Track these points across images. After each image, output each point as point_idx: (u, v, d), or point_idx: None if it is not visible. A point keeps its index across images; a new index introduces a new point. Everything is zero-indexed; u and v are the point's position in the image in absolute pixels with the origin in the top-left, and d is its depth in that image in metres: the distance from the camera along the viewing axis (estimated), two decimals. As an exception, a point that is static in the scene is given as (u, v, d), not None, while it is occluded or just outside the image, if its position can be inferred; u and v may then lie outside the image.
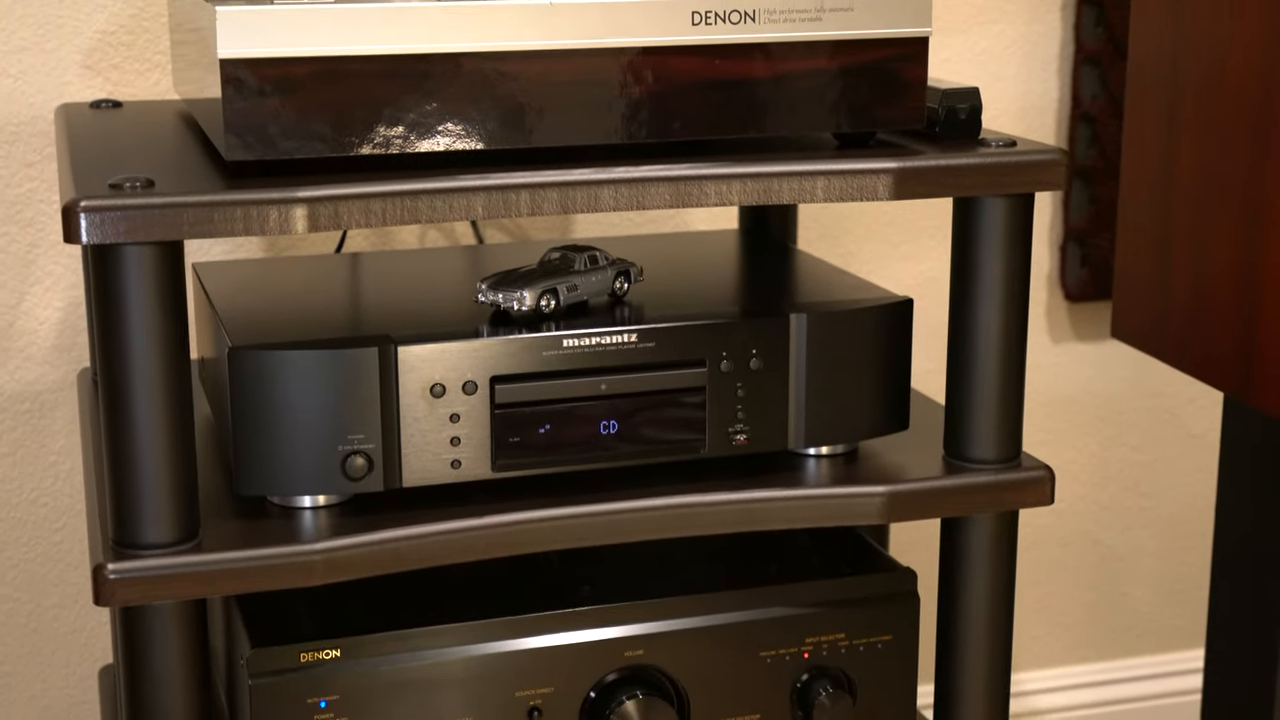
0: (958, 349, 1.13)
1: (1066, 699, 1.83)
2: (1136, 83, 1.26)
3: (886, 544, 1.37)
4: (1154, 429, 1.79)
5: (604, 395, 1.08)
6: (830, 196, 1.05)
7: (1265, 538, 1.21)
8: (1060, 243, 1.71)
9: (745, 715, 1.15)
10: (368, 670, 1.07)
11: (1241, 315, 1.15)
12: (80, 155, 1.07)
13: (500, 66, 1.00)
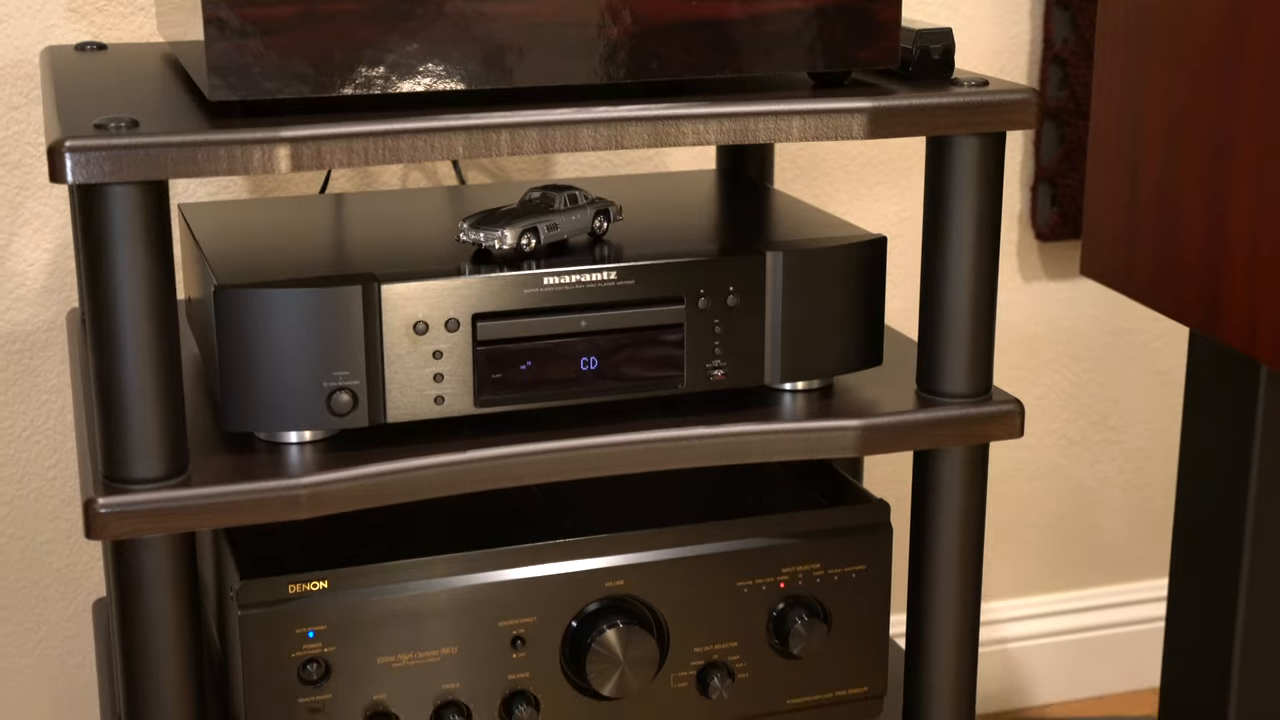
0: (930, 286, 1.12)
1: (1035, 627, 1.84)
2: (1106, 25, 1.26)
3: (860, 477, 1.37)
4: (1122, 365, 1.80)
5: (584, 332, 1.07)
6: (806, 136, 1.05)
7: (1228, 470, 1.22)
8: (1031, 183, 1.70)
9: (723, 643, 1.15)
10: (355, 601, 1.07)
11: (1207, 253, 1.15)
12: (65, 97, 1.07)
13: (481, 7, 0.99)
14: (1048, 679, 1.85)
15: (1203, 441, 1.25)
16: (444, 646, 1.09)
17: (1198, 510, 1.27)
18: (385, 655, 1.08)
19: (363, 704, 1.08)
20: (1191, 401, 1.27)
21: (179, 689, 1.03)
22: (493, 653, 1.10)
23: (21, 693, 1.54)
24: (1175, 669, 1.31)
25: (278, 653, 1.06)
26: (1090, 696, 1.87)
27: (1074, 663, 1.86)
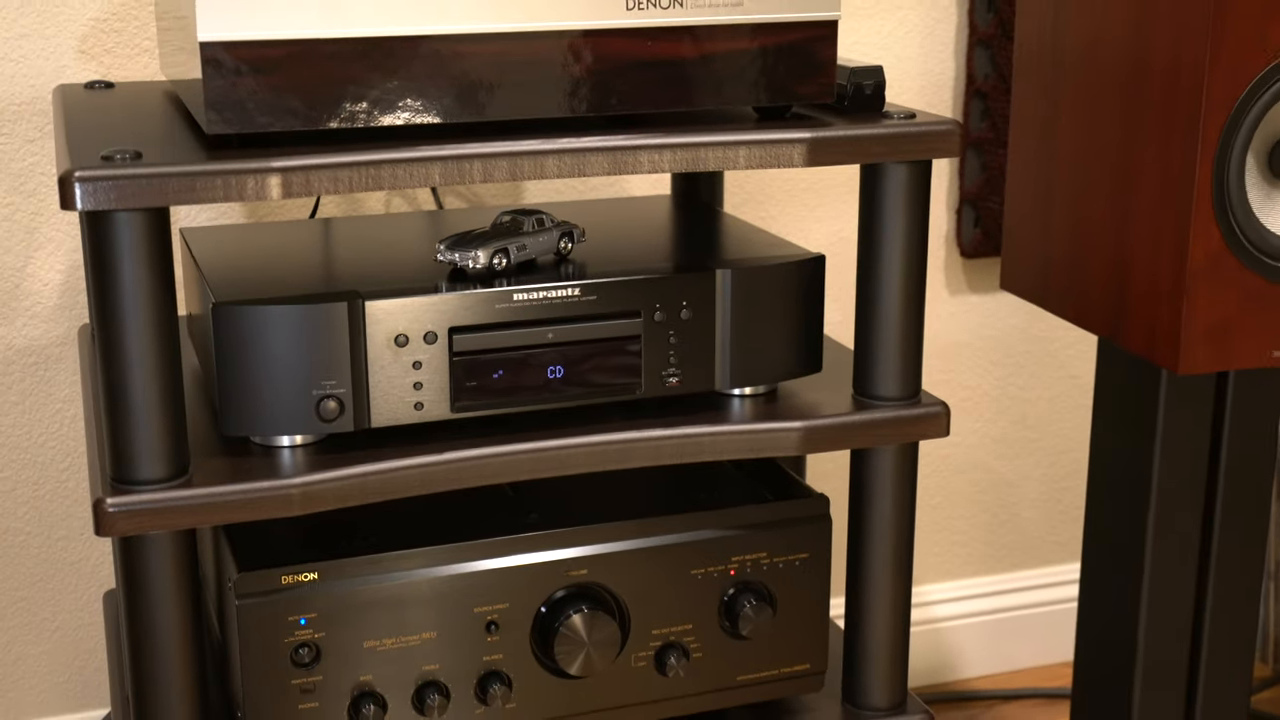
0: (865, 299, 1.13)
1: (962, 608, 1.85)
2: (1022, 63, 1.26)
3: (803, 473, 1.37)
4: (1038, 370, 1.80)
5: (551, 343, 1.07)
6: (751, 164, 1.05)
7: (1133, 464, 1.22)
8: (956, 205, 1.71)
9: (678, 626, 1.15)
10: (343, 590, 1.06)
11: (1113, 268, 1.15)
12: (75, 131, 1.06)
13: (455, 48, 0.99)
14: (973, 655, 1.86)
15: (1111, 439, 1.26)
16: (424, 631, 1.09)
17: (1106, 501, 1.27)
18: (371, 640, 1.07)
19: (350, 684, 1.08)
20: (1100, 402, 1.27)
21: (182, 672, 1.02)
22: (469, 637, 1.10)
23: (39, 675, 1.53)
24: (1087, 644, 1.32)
25: (272, 638, 1.05)
26: (1011, 670, 1.88)
27: (997, 640, 1.86)
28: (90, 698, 1.55)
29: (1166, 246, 1.09)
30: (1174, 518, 1.22)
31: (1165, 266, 1.09)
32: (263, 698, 1.06)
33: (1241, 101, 1.04)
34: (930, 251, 1.72)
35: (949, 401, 1.78)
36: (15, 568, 1.50)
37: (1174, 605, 1.24)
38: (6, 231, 1.42)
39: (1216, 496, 1.22)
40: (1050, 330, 1.80)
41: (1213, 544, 1.23)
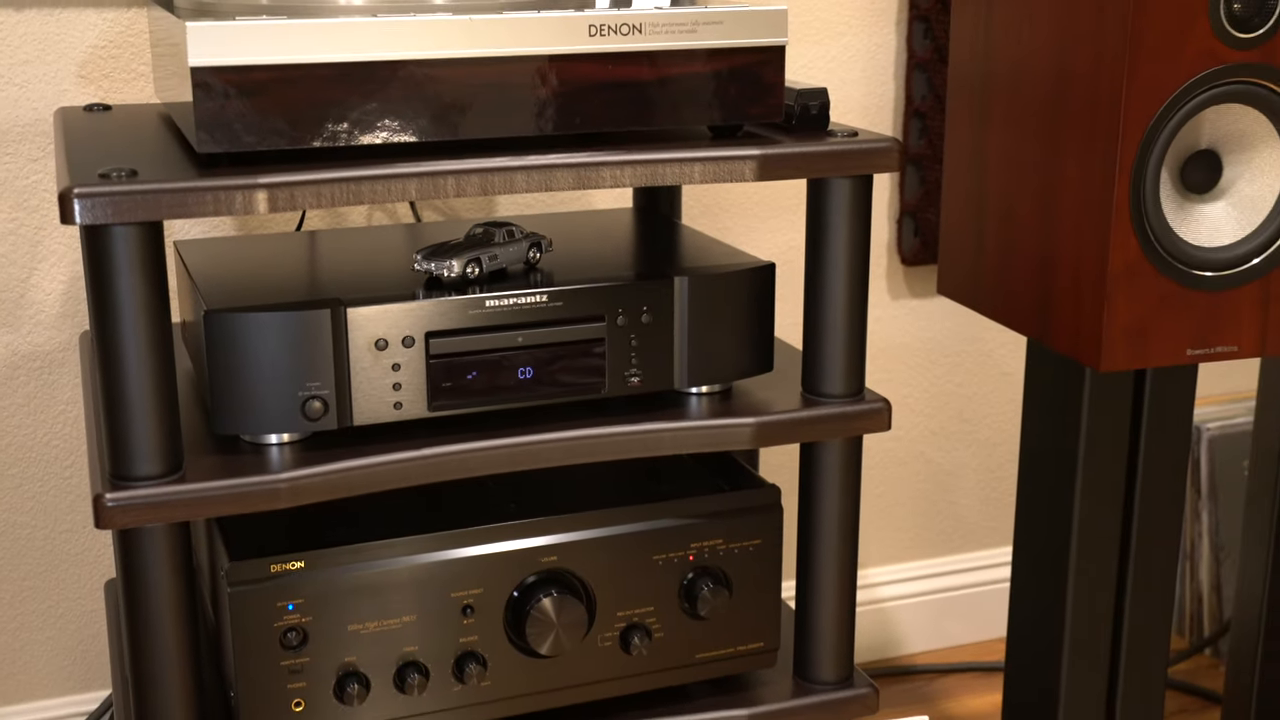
0: (812, 304, 1.13)
1: (904, 589, 1.85)
2: (955, 85, 1.26)
3: (756, 465, 1.37)
4: (973, 368, 1.81)
5: (521, 346, 1.07)
6: (706, 179, 1.05)
7: (1059, 454, 1.23)
8: (896, 217, 1.71)
9: (641, 608, 1.15)
10: (328, 578, 1.06)
11: (1040, 274, 1.16)
12: (75, 151, 1.05)
13: (430, 72, 0.99)
14: (915, 632, 1.86)
15: (1039, 431, 1.26)
16: (404, 615, 1.08)
17: (1036, 489, 1.28)
18: (355, 623, 1.07)
19: (336, 665, 1.07)
20: (1030, 398, 1.28)
21: (178, 655, 1.02)
22: (446, 620, 1.09)
23: (44, 660, 1.52)
24: (1018, 621, 1.32)
25: (262, 623, 1.05)
26: (950, 646, 1.88)
27: (936, 618, 1.87)
28: (93, 679, 1.54)
29: (1088, 254, 1.09)
30: (1097, 504, 1.22)
31: (1087, 272, 1.10)
32: (254, 678, 1.06)
33: (1156, 120, 1.05)
34: (873, 259, 1.72)
35: (891, 398, 1.78)
36: (22, 559, 1.49)
37: (1098, 584, 1.24)
38: (12, 245, 1.41)
39: (1136, 484, 1.23)
40: (983, 332, 1.80)
41: (1133, 528, 1.24)
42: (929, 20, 1.64)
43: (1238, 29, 1.04)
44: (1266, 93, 1.07)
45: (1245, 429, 1.86)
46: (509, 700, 1.13)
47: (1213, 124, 1.08)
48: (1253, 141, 1.09)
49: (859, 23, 1.64)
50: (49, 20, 1.38)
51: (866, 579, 1.83)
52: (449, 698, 1.11)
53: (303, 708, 1.07)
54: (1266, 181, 1.10)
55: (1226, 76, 1.05)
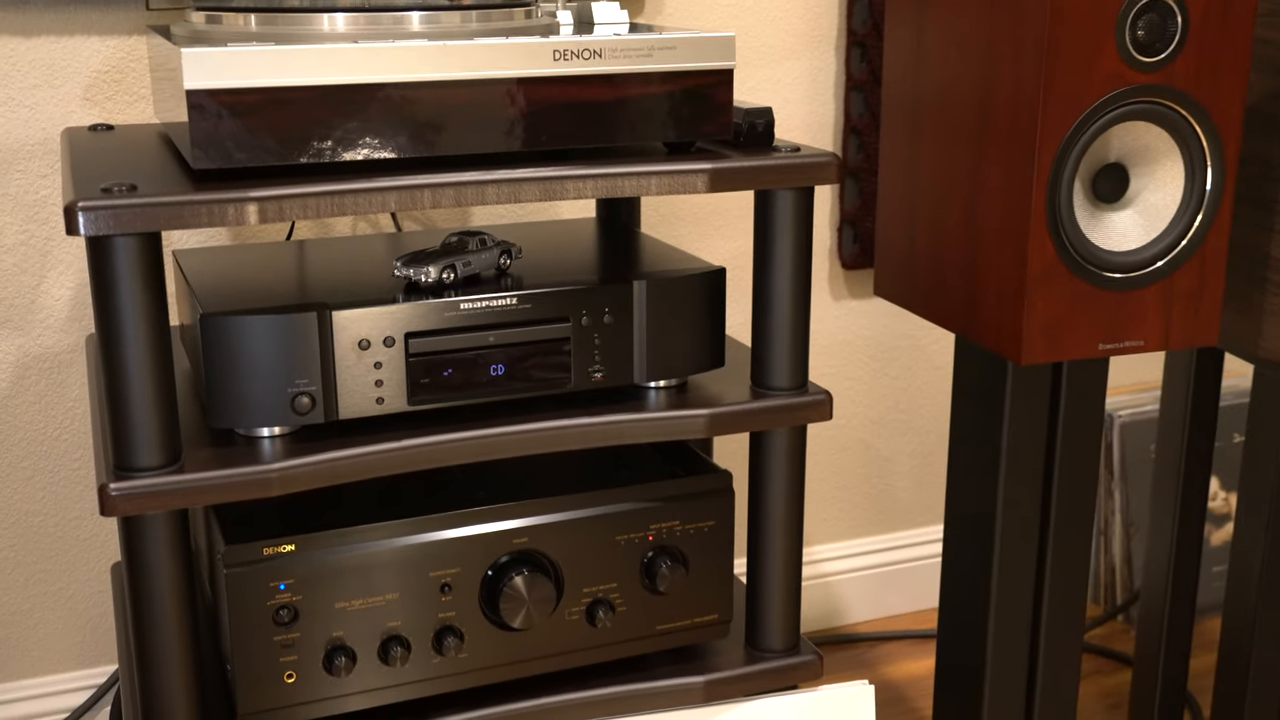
0: (760, 305, 1.13)
1: (847, 564, 1.86)
2: (889, 103, 1.27)
3: (710, 453, 1.37)
4: (908, 363, 1.82)
5: (493, 345, 1.07)
6: (662, 191, 1.05)
7: (984, 441, 1.23)
8: (837, 224, 1.72)
9: (605, 584, 1.15)
10: (317, 559, 1.05)
11: (966, 277, 1.16)
12: (80, 167, 1.04)
13: (408, 94, 0.98)
14: (857, 604, 1.87)
15: (967, 419, 1.27)
16: (388, 593, 1.08)
17: (965, 472, 1.28)
18: (342, 601, 1.06)
19: (324, 639, 1.07)
20: (958, 389, 1.28)
21: (178, 632, 1.01)
22: (426, 597, 1.09)
23: (55, 638, 1.50)
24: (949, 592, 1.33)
25: (256, 601, 1.04)
26: (888, 615, 1.89)
27: (876, 590, 1.87)
28: (101, 655, 1.53)
29: (1009, 258, 1.10)
30: (1020, 485, 1.23)
31: (1008, 274, 1.10)
32: (249, 653, 1.05)
33: (1069, 136, 1.05)
34: (815, 264, 1.73)
35: (833, 390, 1.79)
36: (35, 544, 1.47)
37: (1020, 558, 1.25)
38: (23, 254, 1.40)
39: (1054, 467, 1.23)
40: (916, 329, 1.81)
41: (1051, 507, 1.24)
42: (865, 45, 1.64)
43: (1141, 53, 1.05)
44: (1167, 111, 1.07)
45: (1152, 416, 1.88)
46: (484, 670, 1.12)
47: (1120, 139, 1.09)
48: (1156, 155, 1.10)
49: (802, 48, 1.64)
50: (56, 47, 1.36)
51: (812, 555, 1.84)
52: (429, 669, 1.10)
53: (294, 679, 1.06)
54: (1169, 192, 1.11)
55: (1132, 96, 1.06)
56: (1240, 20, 1.07)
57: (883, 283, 1.31)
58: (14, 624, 1.49)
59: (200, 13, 1.08)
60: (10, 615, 1.49)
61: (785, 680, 1.20)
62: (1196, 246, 1.11)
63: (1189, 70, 1.06)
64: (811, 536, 1.84)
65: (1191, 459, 1.40)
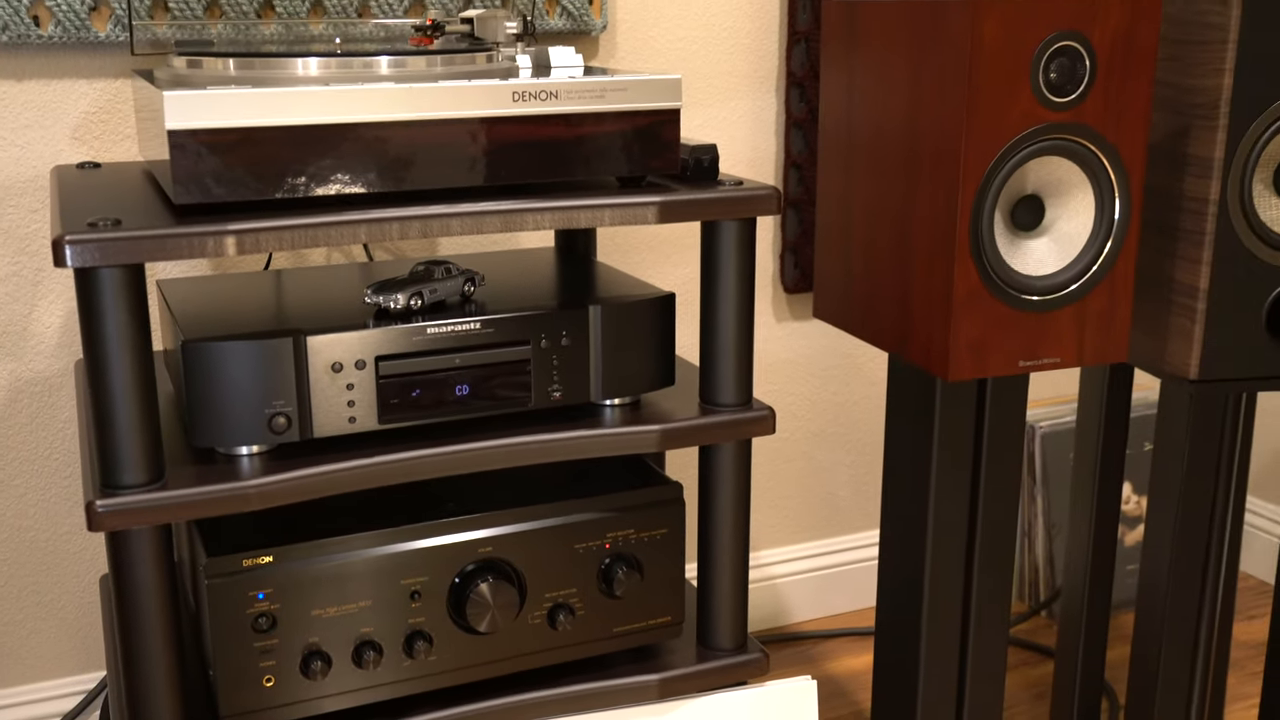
0: (707, 327, 1.13)
1: (791, 567, 1.86)
2: (826, 140, 1.27)
3: (662, 465, 1.37)
4: (846, 380, 1.82)
5: (458, 367, 1.06)
6: (615, 222, 1.05)
7: (917, 451, 1.23)
8: (779, 252, 1.72)
9: (565, 590, 1.14)
10: (293, 569, 1.04)
11: (898, 300, 1.17)
12: (68, 203, 1.03)
13: (377, 133, 0.98)
14: (801, 604, 1.87)
15: (901, 431, 1.27)
16: (361, 600, 1.07)
17: (899, 481, 1.28)
18: (317, 609, 1.05)
19: (301, 645, 1.05)
20: (892, 403, 1.28)
21: (163, 640, 1.00)
22: (397, 604, 1.08)
23: (49, 645, 1.48)
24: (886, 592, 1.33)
25: (236, 610, 1.03)
26: (830, 614, 1.89)
27: (819, 591, 1.87)
28: (91, 662, 1.51)
29: (937, 282, 1.10)
30: (949, 492, 1.23)
31: (936, 298, 1.11)
32: (230, 659, 1.04)
33: (989, 170, 1.06)
34: (759, 288, 1.73)
35: (776, 406, 1.79)
36: (28, 558, 1.45)
37: (951, 559, 1.25)
38: (15, 285, 1.38)
39: (980, 475, 1.24)
40: (853, 348, 1.82)
41: (978, 511, 1.25)
42: (803, 86, 1.65)
43: (1054, 94, 1.06)
44: (1078, 147, 1.09)
45: (1070, 426, 1.89)
46: (453, 672, 1.11)
47: (1036, 173, 1.09)
48: (1069, 188, 1.11)
49: (745, 89, 1.65)
50: (47, 89, 1.35)
51: (758, 559, 1.84)
52: (400, 671, 1.09)
53: (273, 683, 1.05)
54: (1081, 221, 1.12)
55: (1045, 134, 1.07)
56: (1142, 64, 1.08)
57: (821, 306, 1.31)
58: (8, 633, 1.46)
59: (182, 57, 1.07)
60: (4, 625, 1.46)
61: (734, 677, 1.20)
62: (1107, 271, 1.12)
63: (1097, 109, 1.08)
64: (758, 542, 1.84)
65: (1106, 466, 1.41)
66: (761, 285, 1.73)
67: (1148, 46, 1.08)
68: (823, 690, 1.69)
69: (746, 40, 1.63)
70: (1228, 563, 1.42)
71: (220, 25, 1.33)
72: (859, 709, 1.65)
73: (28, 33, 1.30)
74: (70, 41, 1.32)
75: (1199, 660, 1.36)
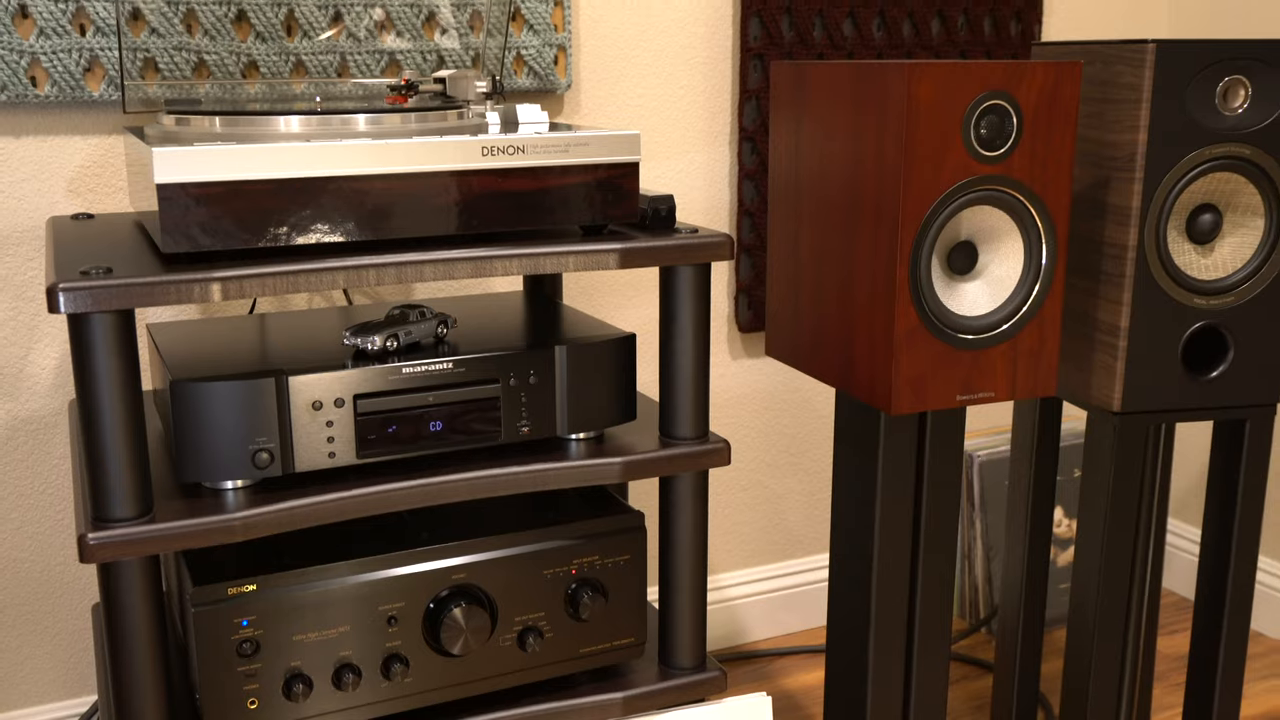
0: (666, 365, 1.13)
1: (747, 589, 1.85)
2: (775, 191, 1.28)
3: (625, 495, 1.37)
4: (797, 413, 1.83)
5: (432, 404, 1.05)
6: (579, 267, 1.05)
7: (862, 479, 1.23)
8: (733, 294, 1.73)
9: (534, 613, 1.13)
10: (276, 597, 1.03)
11: (843, 339, 1.17)
12: (62, 252, 1.02)
13: (354, 185, 0.97)
14: (757, 623, 1.86)
15: (847, 461, 1.27)
16: (340, 626, 1.05)
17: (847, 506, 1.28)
18: (299, 634, 1.04)
19: (284, 669, 1.04)
20: (839, 435, 1.29)
21: (151, 665, 0.98)
22: (375, 629, 1.07)
23: (42, 670, 1.45)
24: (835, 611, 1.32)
25: (221, 636, 1.01)
26: (785, 633, 1.88)
27: (773, 611, 1.87)
28: (83, 687, 1.48)
29: (879, 323, 1.11)
30: (893, 517, 1.23)
31: (878, 337, 1.11)
32: (215, 683, 1.02)
33: (926, 218, 1.07)
34: (715, 328, 1.73)
35: (731, 438, 1.79)
36: (22, 587, 1.42)
37: (895, 580, 1.25)
38: (12, 329, 1.36)
39: (922, 501, 1.24)
40: (803, 384, 1.82)
41: (921, 534, 1.25)
42: (754, 141, 1.66)
43: (984, 149, 1.07)
44: (1007, 197, 1.10)
45: (1005, 455, 1.90)
46: (428, 693, 1.10)
47: (969, 221, 1.10)
48: (1000, 235, 1.12)
49: (700, 143, 1.66)
50: (43, 146, 1.34)
51: (716, 582, 1.83)
52: (379, 692, 1.08)
53: (257, 705, 1.03)
54: (1011, 265, 1.13)
55: (977, 185, 1.08)
56: (1065, 121, 1.09)
57: (773, 344, 1.32)
58: (3, 659, 1.44)
59: (171, 115, 1.06)
60: (0, 652, 1.43)
61: (694, 694, 1.19)
62: (1035, 312, 1.13)
63: (1024, 163, 1.09)
64: (715, 565, 1.83)
65: (1038, 492, 1.42)
66: (717, 325, 1.73)
67: (1070, 105, 1.09)
68: (777, 705, 1.68)
69: (701, 98, 1.64)
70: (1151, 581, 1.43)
71: (207, 85, 1.32)
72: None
73: (25, 92, 1.29)
74: (66, 100, 1.31)
75: (1126, 672, 1.36)
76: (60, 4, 1.28)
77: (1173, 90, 1.13)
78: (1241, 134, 1.15)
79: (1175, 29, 1.97)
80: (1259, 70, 1.15)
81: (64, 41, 1.28)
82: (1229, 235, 1.19)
